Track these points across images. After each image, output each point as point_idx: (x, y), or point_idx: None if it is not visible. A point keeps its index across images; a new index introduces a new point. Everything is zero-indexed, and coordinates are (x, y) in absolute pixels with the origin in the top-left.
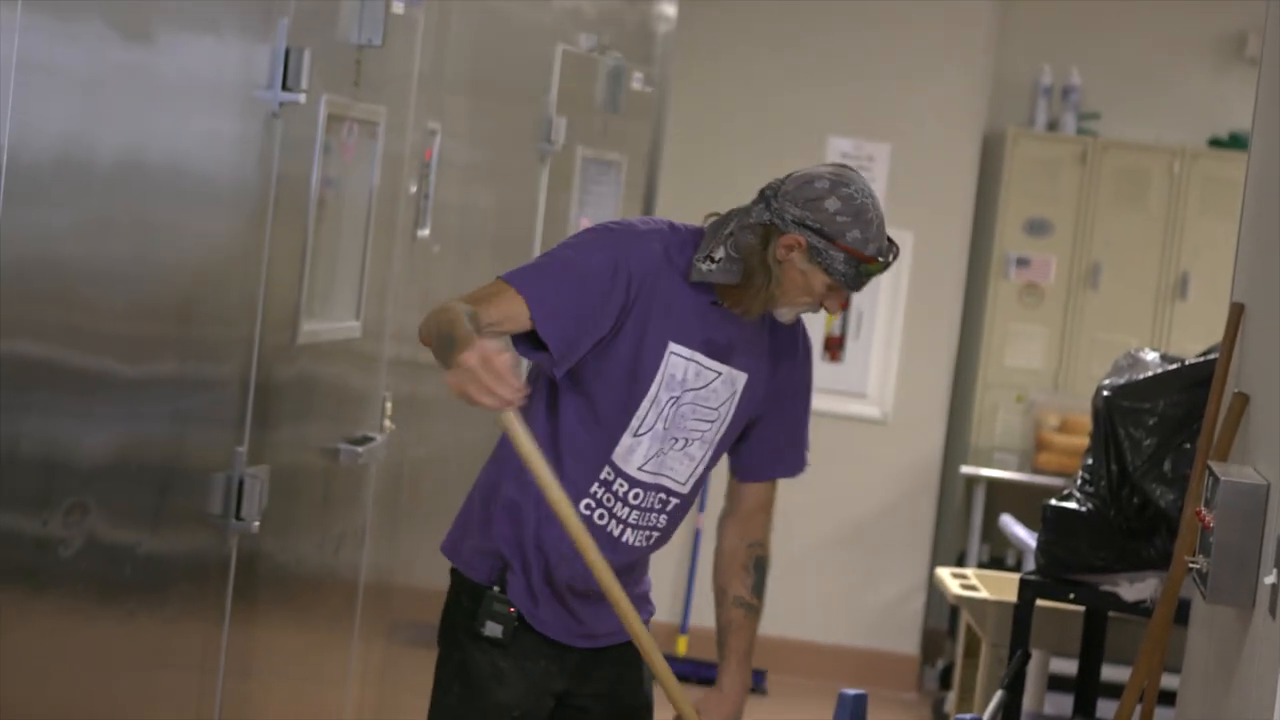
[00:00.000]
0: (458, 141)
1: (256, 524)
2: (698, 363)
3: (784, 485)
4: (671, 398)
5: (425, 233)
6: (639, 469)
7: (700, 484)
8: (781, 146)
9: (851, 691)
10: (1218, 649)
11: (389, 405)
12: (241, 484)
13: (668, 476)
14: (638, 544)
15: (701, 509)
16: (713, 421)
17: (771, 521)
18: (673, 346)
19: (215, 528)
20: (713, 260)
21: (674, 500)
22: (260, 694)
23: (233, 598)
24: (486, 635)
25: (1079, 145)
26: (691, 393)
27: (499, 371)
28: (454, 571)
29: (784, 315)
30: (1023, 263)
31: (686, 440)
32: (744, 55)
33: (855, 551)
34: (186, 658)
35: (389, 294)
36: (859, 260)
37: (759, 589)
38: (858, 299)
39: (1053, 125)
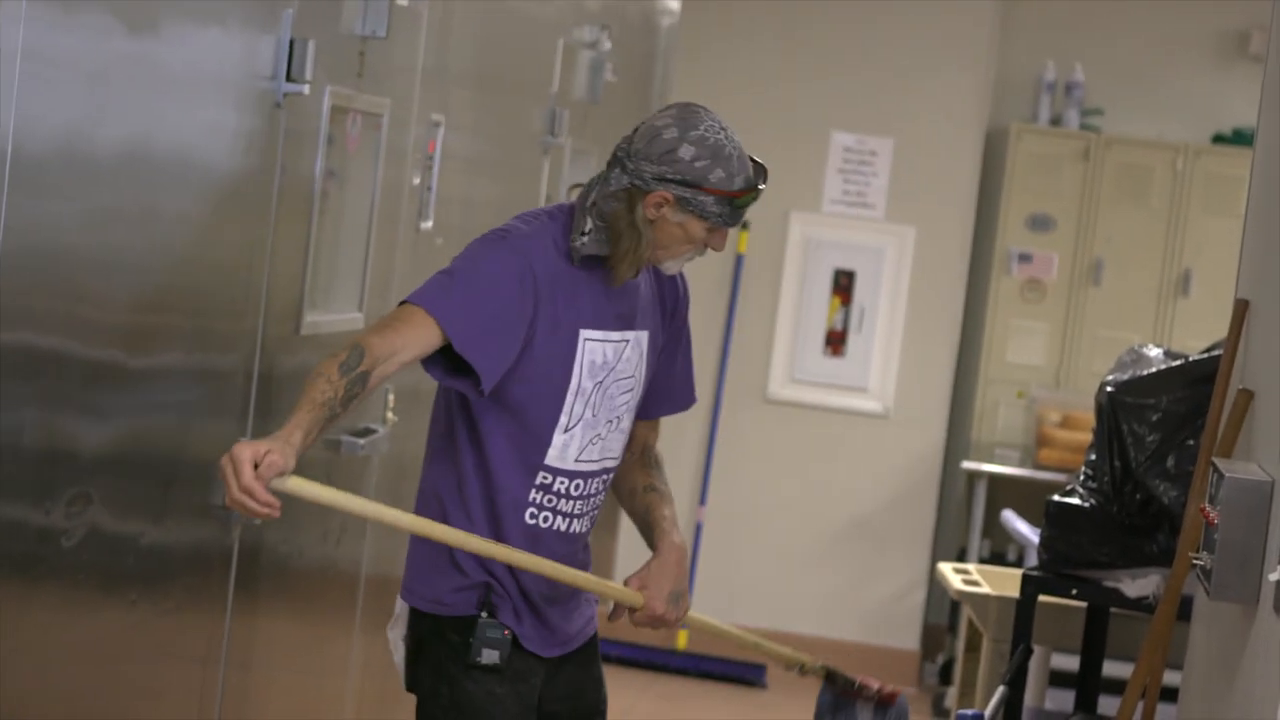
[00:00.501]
0: (461, 134)
1: None
2: (611, 341)
3: (784, 479)
4: (595, 383)
5: (428, 225)
6: (576, 461)
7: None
8: (784, 140)
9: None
10: (1221, 646)
11: (391, 398)
12: None
13: (608, 458)
14: (584, 529)
15: (703, 502)
16: (631, 390)
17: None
18: (585, 334)
19: (218, 519)
20: (584, 234)
21: (613, 472)
22: (262, 686)
23: (235, 589)
24: (484, 664)
25: (1082, 141)
26: (612, 372)
27: (246, 483)
28: (426, 616)
29: (670, 267)
30: (1025, 258)
31: (619, 419)
32: (747, 49)
33: (856, 546)
34: (188, 649)
35: (392, 286)
36: (730, 198)
37: (663, 478)
38: (861, 296)
39: (1056, 121)
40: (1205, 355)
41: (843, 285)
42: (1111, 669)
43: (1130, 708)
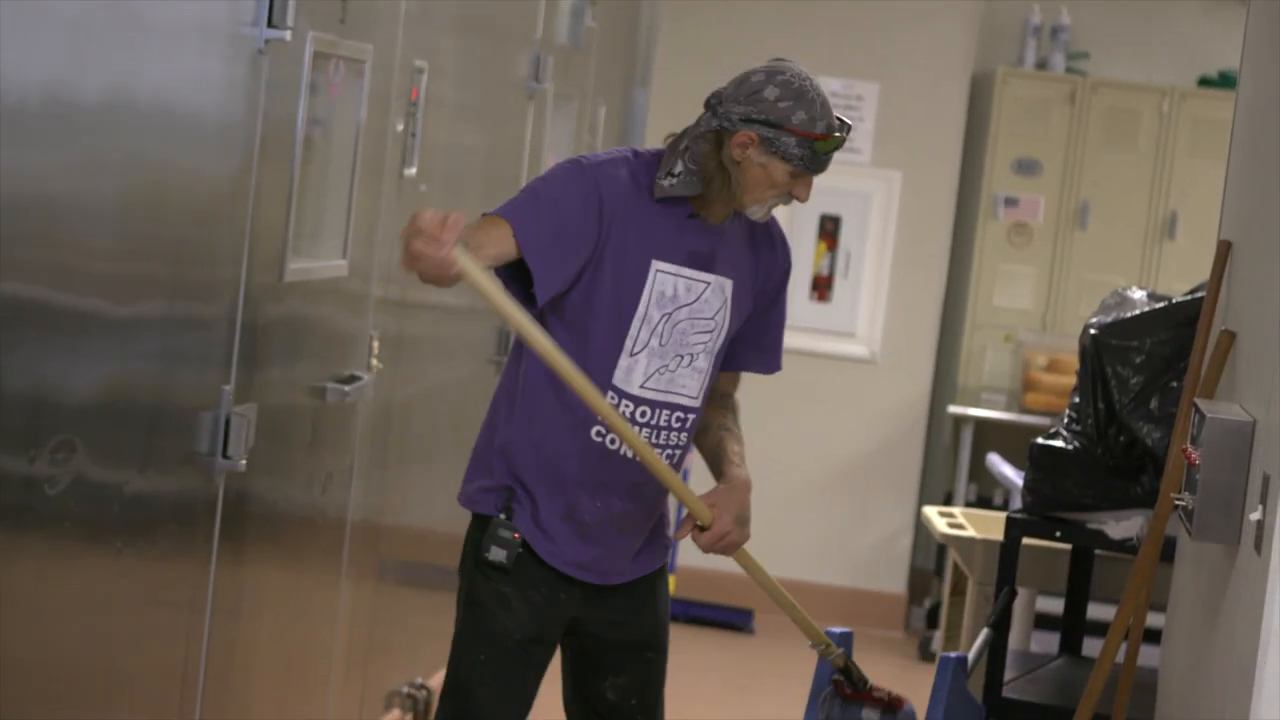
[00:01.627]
0: (445, 80)
1: (244, 463)
2: (685, 277)
3: (771, 424)
4: (664, 315)
5: (412, 171)
6: (641, 387)
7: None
8: None
9: (838, 630)
10: (1203, 586)
11: (376, 344)
12: (228, 423)
13: (678, 393)
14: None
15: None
16: (710, 332)
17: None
18: (656, 264)
19: (202, 467)
20: (673, 175)
21: (691, 416)
22: (248, 632)
23: (220, 536)
24: (490, 560)
25: (1068, 85)
26: (686, 308)
27: (431, 229)
28: (471, 516)
29: (755, 213)
30: (1011, 202)
31: (691, 356)
32: None
33: (843, 491)
34: (174, 596)
35: (377, 233)
36: (811, 139)
37: (736, 421)
38: (847, 241)
39: (1041, 65)
40: (1188, 297)
41: (828, 230)
42: (1096, 611)
43: (1113, 649)
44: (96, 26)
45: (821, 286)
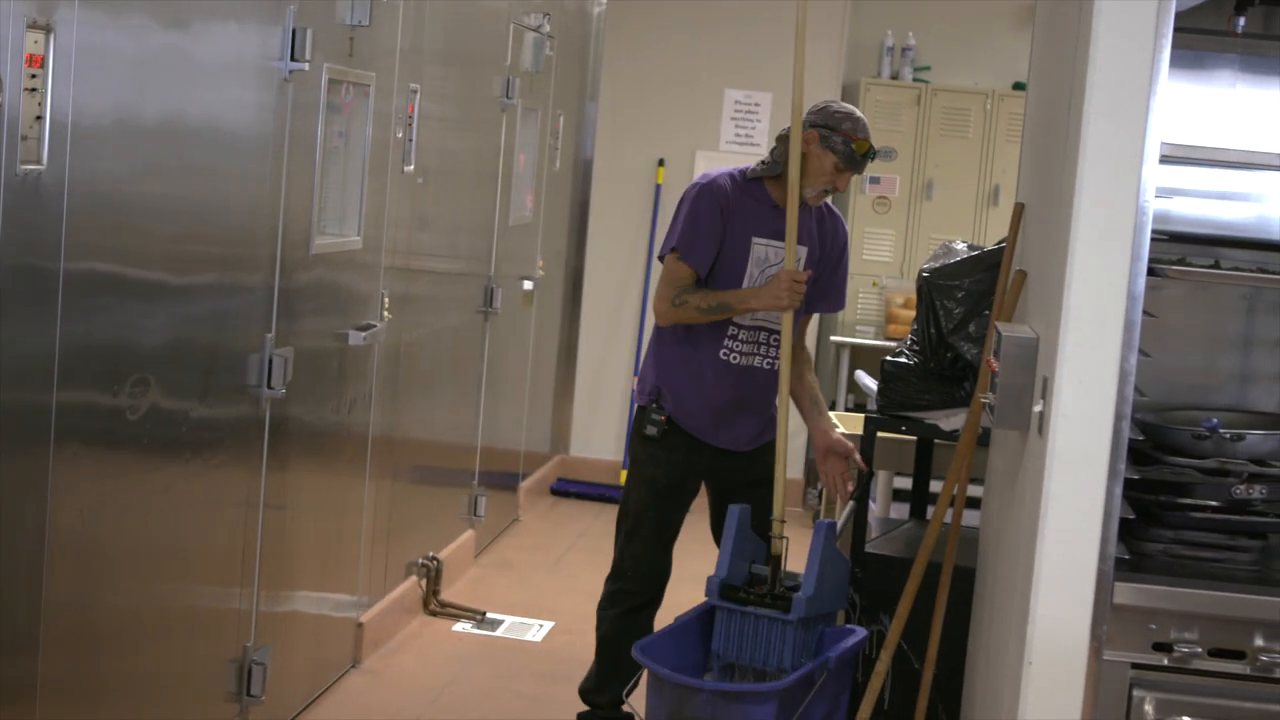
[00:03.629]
0: (434, 98)
1: (283, 391)
2: (773, 246)
3: None
4: (761, 271)
5: (411, 168)
6: (750, 318)
7: (794, 327)
8: (690, 96)
9: (736, 506)
10: (1007, 463)
11: (387, 300)
12: (271, 361)
13: (768, 322)
14: (755, 364)
15: (637, 373)
16: None
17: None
18: (754, 240)
19: (252, 395)
20: (764, 163)
21: (774, 336)
22: (293, 522)
23: (268, 448)
24: (646, 434)
25: (915, 91)
26: (774, 267)
27: (796, 282)
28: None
29: (809, 194)
30: (875, 181)
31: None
32: (661, 29)
33: None
34: (233, 495)
35: (385, 216)
36: (852, 141)
37: (811, 368)
38: None
39: (895, 76)
40: (996, 247)
41: None
42: (937, 486)
43: (942, 511)
44: (156, 63)
45: None
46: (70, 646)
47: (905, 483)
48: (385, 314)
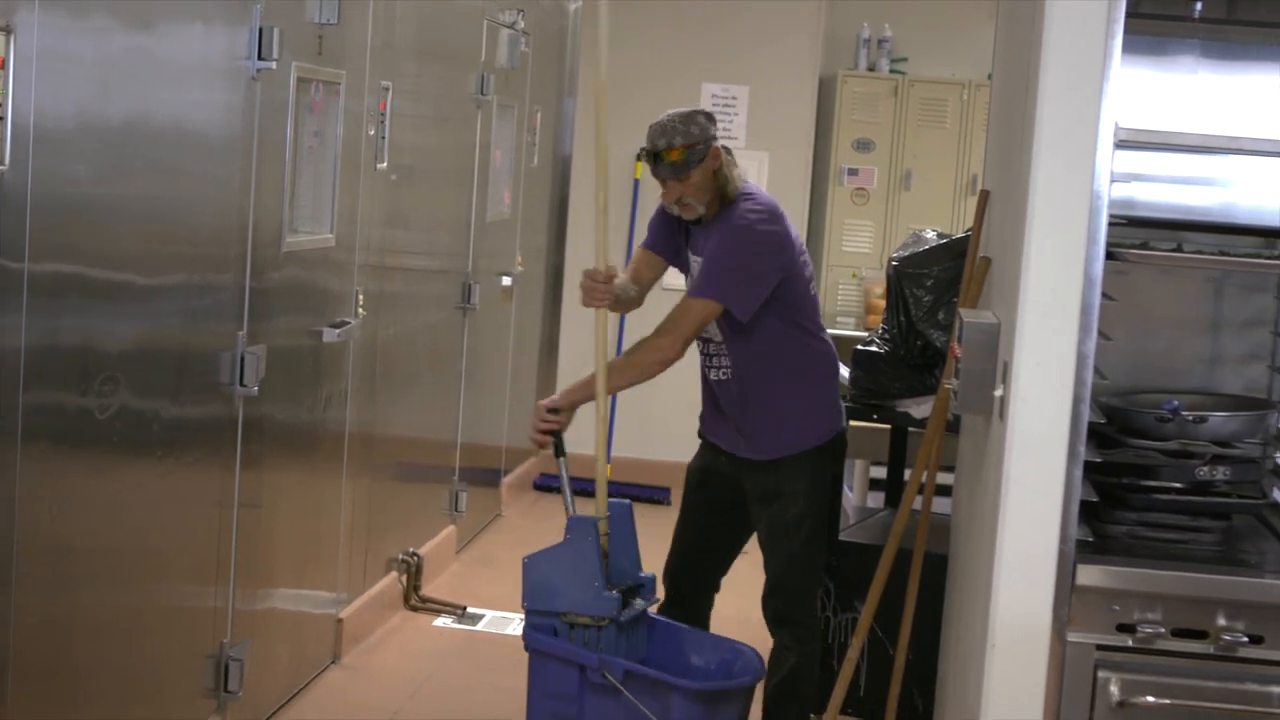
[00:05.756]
0: (407, 95)
1: (256, 389)
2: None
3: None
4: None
5: (384, 165)
6: (702, 334)
7: (725, 335)
8: (668, 90)
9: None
10: (973, 448)
11: (361, 297)
12: (243, 359)
13: (708, 334)
14: (712, 376)
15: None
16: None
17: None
18: (691, 256)
19: (224, 393)
20: None
21: (718, 346)
22: (269, 519)
23: (242, 446)
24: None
25: (892, 82)
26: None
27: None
28: None
29: (671, 209)
30: (853, 172)
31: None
32: (639, 26)
33: None
34: (207, 493)
35: (358, 213)
36: (646, 150)
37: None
38: None
39: (872, 68)
40: (964, 235)
41: None
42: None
43: (910, 498)
44: (119, 65)
45: None
46: (43, 646)
47: (881, 472)
48: (360, 311)
